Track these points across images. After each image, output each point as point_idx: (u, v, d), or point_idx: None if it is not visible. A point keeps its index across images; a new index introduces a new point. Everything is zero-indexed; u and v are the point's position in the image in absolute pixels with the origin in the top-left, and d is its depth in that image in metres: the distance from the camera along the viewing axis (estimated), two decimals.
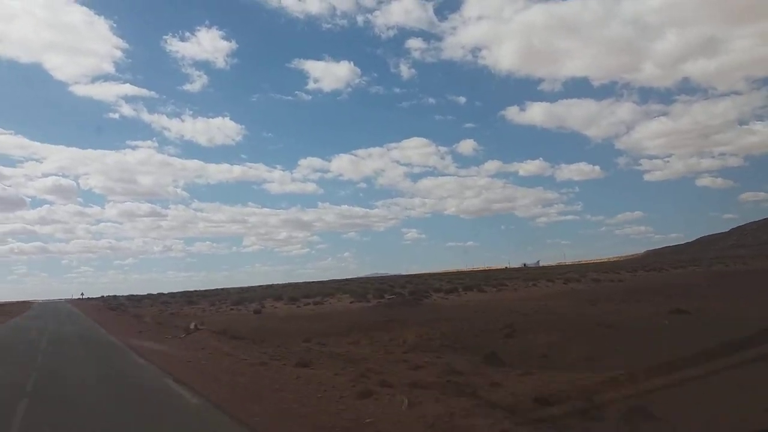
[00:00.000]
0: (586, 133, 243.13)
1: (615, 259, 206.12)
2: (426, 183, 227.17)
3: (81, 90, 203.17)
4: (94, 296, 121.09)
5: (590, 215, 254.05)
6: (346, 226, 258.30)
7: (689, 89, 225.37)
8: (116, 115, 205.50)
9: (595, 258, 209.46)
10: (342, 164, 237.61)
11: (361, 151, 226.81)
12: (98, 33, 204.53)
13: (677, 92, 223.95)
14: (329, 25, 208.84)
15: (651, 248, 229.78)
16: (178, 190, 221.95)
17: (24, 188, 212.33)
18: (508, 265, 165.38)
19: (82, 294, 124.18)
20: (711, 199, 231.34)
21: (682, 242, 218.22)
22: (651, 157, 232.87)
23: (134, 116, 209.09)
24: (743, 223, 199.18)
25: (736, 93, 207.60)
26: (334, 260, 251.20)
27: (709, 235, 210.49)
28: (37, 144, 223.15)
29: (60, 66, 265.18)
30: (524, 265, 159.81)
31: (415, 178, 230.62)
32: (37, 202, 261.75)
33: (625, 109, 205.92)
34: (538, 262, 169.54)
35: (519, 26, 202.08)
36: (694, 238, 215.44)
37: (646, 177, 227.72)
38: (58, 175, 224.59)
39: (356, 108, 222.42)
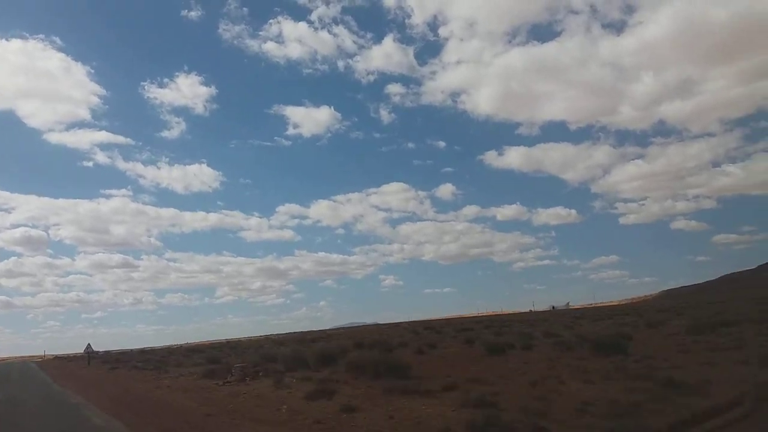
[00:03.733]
0: (563, 177, 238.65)
1: (626, 302, 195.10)
2: (405, 228, 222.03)
3: (55, 137, 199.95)
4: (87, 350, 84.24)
5: (566, 260, 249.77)
6: (323, 274, 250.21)
7: (665, 131, 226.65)
8: (90, 164, 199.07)
9: (607, 301, 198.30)
10: (320, 210, 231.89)
11: (340, 197, 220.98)
12: (75, 79, 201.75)
13: (653, 134, 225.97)
14: (310, 71, 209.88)
15: (665, 288, 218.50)
16: (152, 240, 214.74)
17: None
18: (532, 308, 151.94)
19: (90, 351, 43.49)
20: (685, 242, 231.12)
21: (703, 280, 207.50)
22: (626, 201, 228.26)
23: (109, 164, 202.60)
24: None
25: (710, 135, 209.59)
26: (308, 309, 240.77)
27: (731, 273, 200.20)
28: (7, 194, 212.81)
29: (34, 113, 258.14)
30: (552, 307, 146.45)
31: (394, 223, 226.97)
32: (3, 254, 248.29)
33: (601, 153, 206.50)
34: (567, 304, 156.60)
35: (498, 70, 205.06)
36: (719, 276, 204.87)
37: (622, 220, 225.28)
38: (28, 226, 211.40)
39: (336, 153, 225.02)
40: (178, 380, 21.73)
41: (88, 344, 42.33)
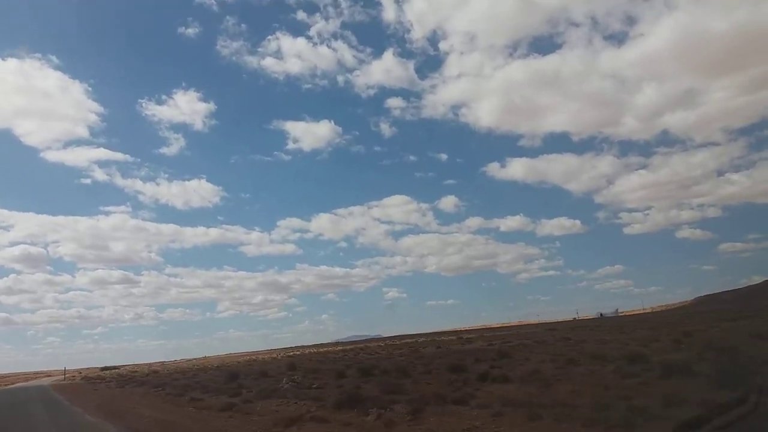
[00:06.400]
0: (566, 188, 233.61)
1: (663, 308, 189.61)
2: (407, 241, 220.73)
3: (53, 155, 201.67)
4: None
5: (571, 270, 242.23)
6: (325, 287, 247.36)
7: (668, 141, 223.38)
8: (89, 181, 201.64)
9: (641, 308, 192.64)
10: (322, 224, 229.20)
11: (341, 210, 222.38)
12: (73, 97, 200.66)
13: (656, 144, 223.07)
14: (309, 85, 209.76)
15: (703, 293, 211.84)
16: (152, 255, 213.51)
17: None
18: (576, 317, 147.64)
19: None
20: (691, 251, 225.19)
21: (742, 286, 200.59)
22: (631, 210, 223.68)
23: (107, 181, 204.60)
24: None
25: (714, 144, 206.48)
26: (311, 323, 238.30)
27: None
28: (5, 211, 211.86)
29: (31, 131, 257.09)
30: (600, 315, 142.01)
31: (397, 236, 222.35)
32: (3, 272, 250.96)
33: (605, 163, 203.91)
34: (616, 310, 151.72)
35: (499, 83, 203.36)
36: (763, 280, 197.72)
37: (626, 230, 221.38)
38: (27, 243, 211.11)
39: (337, 167, 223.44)
40: None
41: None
